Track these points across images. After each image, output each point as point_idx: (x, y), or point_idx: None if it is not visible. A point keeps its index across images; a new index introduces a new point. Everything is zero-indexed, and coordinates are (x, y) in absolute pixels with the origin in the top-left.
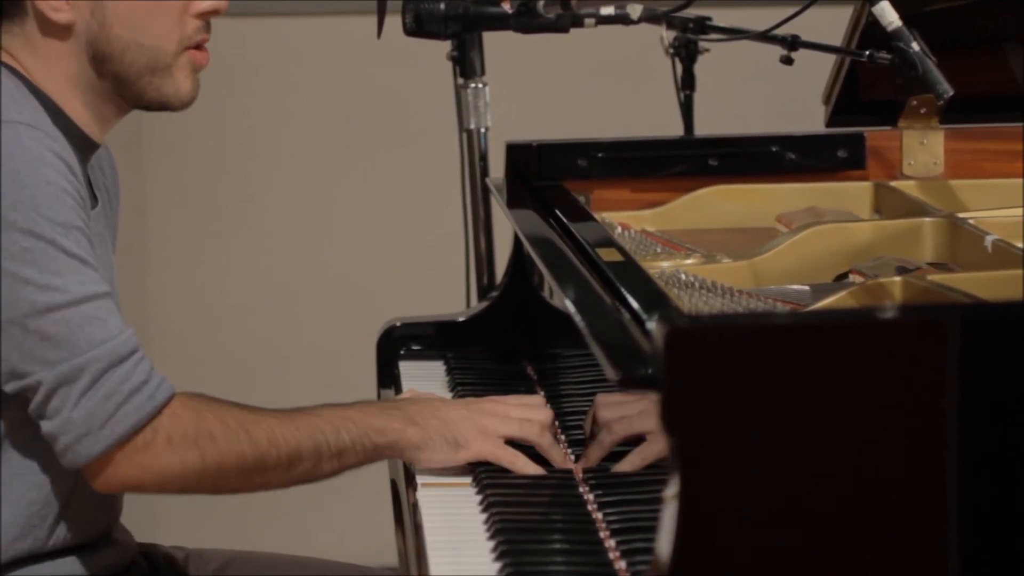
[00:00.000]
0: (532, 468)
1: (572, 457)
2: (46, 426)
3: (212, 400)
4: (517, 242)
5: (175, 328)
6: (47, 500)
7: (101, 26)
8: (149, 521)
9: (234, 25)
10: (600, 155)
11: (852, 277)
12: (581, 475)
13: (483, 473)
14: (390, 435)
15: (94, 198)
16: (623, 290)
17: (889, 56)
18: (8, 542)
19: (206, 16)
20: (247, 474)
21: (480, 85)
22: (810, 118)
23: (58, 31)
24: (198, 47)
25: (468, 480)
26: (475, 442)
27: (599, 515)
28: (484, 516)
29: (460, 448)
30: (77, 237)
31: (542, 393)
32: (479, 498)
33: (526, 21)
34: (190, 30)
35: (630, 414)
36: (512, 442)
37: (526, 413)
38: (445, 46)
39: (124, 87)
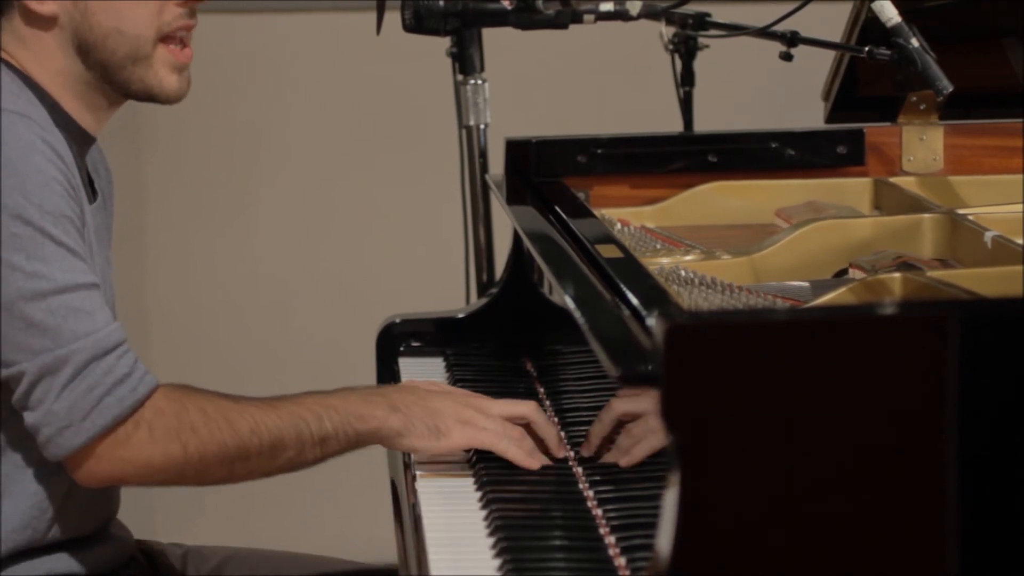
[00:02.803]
0: (517, 453)
1: (571, 453)
2: (28, 417)
3: (194, 391)
4: (517, 239)
5: (173, 324)
6: (48, 492)
7: (83, 15)
8: (148, 518)
9: (233, 21)
10: (600, 151)
11: (852, 272)
12: (581, 471)
13: (482, 469)
14: (372, 422)
15: (95, 193)
16: (623, 286)
17: (888, 52)
18: (8, 533)
19: (187, 3)
20: (229, 464)
21: (479, 81)
22: (809, 114)
23: (43, 24)
24: (182, 44)
25: (468, 476)
26: (456, 431)
27: (599, 511)
28: (484, 512)
29: (441, 436)
30: (66, 226)
31: (541, 390)
32: (479, 494)
33: (525, 17)
34: (170, 16)
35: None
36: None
37: (509, 409)
38: (444, 42)
39: (110, 76)
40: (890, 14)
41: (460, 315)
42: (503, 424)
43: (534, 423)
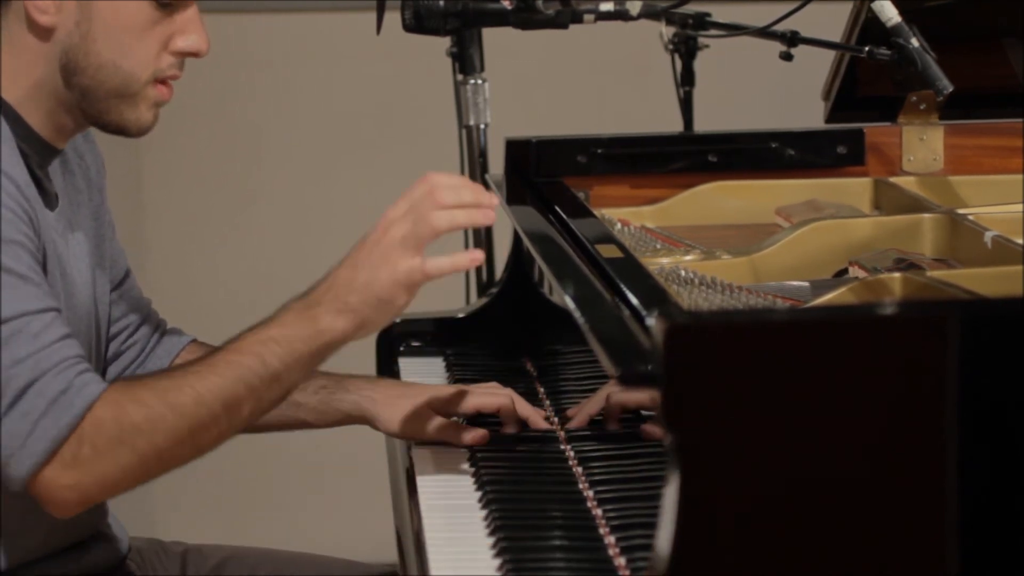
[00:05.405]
0: (451, 263)
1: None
2: None
3: (131, 384)
4: (517, 239)
5: (172, 323)
6: (36, 511)
7: (83, 38)
8: (148, 516)
9: (233, 21)
10: (600, 151)
11: (852, 271)
12: (581, 471)
13: (483, 469)
14: (320, 339)
15: (52, 201)
16: (623, 286)
17: (888, 52)
18: (7, 547)
19: (184, 54)
20: (190, 442)
21: (479, 81)
22: (810, 114)
23: (38, 32)
24: (165, 82)
25: (468, 476)
26: (398, 291)
27: (599, 511)
28: (484, 512)
29: (391, 303)
30: (16, 252)
31: (542, 390)
32: (479, 494)
33: (525, 17)
34: (165, 64)
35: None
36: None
37: (415, 215)
38: (444, 42)
39: (89, 102)
40: (890, 14)
41: (460, 315)
42: (418, 225)
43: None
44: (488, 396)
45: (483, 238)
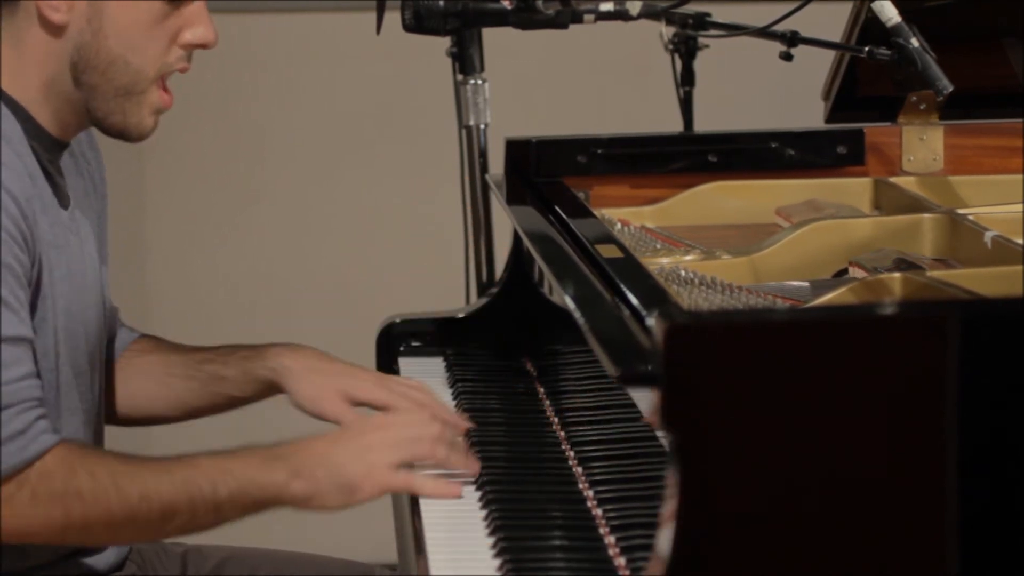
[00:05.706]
0: (430, 486)
1: (570, 455)
2: None
3: (90, 452)
4: (517, 238)
5: (173, 323)
6: None
7: (95, 35)
8: None
9: (234, 20)
10: (600, 151)
11: (852, 271)
12: (581, 471)
13: (483, 470)
14: (271, 491)
15: (65, 198)
16: (623, 286)
17: (888, 52)
18: (9, 551)
19: (193, 47)
20: (116, 529)
21: (479, 81)
22: (810, 114)
23: (50, 30)
24: (166, 89)
25: (468, 476)
26: (366, 484)
27: (599, 511)
28: (484, 512)
29: (353, 492)
30: (3, 277)
31: (542, 390)
32: (479, 495)
33: (525, 17)
34: (173, 57)
35: None
36: None
37: (413, 432)
38: (444, 42)
39: (96, 100)
40: (890, 14)
41: (460, 315)
42: (411, 445)
43: (436, 461)
44: (383, 393)
45: (483, 238)
